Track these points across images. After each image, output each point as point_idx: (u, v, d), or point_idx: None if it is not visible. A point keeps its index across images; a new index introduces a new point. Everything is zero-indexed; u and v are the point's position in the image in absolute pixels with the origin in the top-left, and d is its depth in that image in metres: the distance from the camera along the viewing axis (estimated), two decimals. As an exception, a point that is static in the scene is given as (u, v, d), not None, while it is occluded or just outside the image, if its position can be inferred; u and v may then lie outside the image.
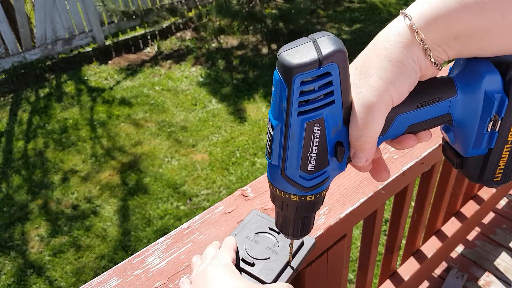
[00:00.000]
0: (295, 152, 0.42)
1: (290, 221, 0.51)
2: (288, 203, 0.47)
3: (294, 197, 0.46)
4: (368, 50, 0.43)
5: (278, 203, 0.49)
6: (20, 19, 4.66)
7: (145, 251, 0.72)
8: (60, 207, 3.07)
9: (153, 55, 5.23)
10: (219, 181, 3.20)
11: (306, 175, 0.43)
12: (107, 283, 0.67)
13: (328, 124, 0.41)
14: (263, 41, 5.30)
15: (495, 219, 2.01)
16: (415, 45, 0.40)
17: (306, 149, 0.42)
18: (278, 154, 0.43)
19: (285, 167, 0.43)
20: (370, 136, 0.42)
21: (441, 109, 0.44)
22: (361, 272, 1.27)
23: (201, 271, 0.57)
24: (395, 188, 0.99)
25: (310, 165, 0.43)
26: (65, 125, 3.95)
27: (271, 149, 0.43)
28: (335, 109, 0.40)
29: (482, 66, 0.42)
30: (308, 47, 0.39)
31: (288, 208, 0.48)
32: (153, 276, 0.68)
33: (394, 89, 0.40)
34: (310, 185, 0.44)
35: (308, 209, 0.48)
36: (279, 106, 0.40)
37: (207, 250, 0.64)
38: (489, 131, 0.43)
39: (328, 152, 0.43)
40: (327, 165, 0.44)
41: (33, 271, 2.62)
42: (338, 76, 0.39)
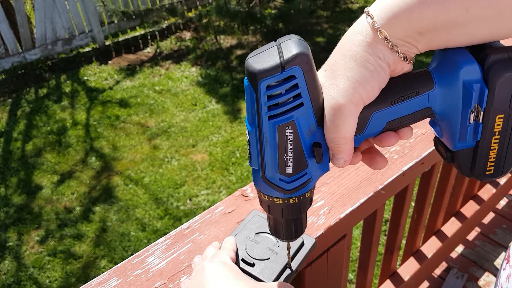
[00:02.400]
0: (271, 156, 0.42)
1: (280, 224, 0.51)
2: (274, 206, 0.47)
3: (277, 200, 0.46)
4: (335, 52, 0.43)
5: (265, 207, 0.49)
6: (20, 19, 4.66)
7: (145, 251, 0.72)
8: (60, 207, 3.07)
9: (153, 55, 5.23)
10: (219, 181, 3.20)
11: (286, 177, 0.44)
12: (107, 283, 0.67)
13: (300, 126, 0.41)
14: (263, 41, 5.30)
15: (495, 219, 2.01)
16: (379, 43, 0.39)
17: (281, 152, 0.42)
18: (257, 159, 0.43)
19: (264, 171, 0.44)
20: (343, 137, 0.41)
21: (420, 103, 0.43)
22: (361, 272, 1.27)
23: (199, 268, 0.57)
24: (395, 188, 0.99)
25: (288, 168, 0.43)
26: (65, 125, 3.95)
27: (250, 154, 0.44)
28: (305, 111, 0.40)
29: (458, 56, 0.40)
30: (272, 52, 0.40)
31: (275, 211, 0.48)
32: (153, 276, 0.68)
33: (363, 89, 0.40)
34: (292, 187, 0.44)
35: (294, 211, 0.48)
36: (251, 111, 0.41)
37: (207, 250, 0.64)
38: (472, 122, 0.42)
39: (305, 154, 0.43)
40: (306, 167, 0.44)
41: (33, 271, 2.62)
42: (303, 78, 0.39)
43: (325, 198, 0.81)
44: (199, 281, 0.54)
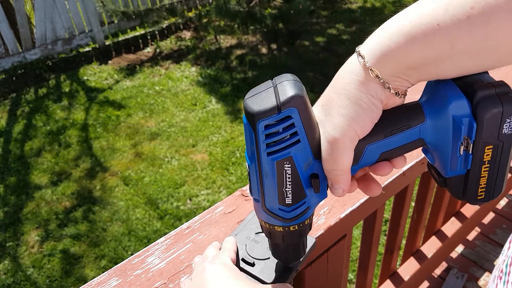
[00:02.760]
0: (271, 188, 0.44)
1: (280, 249, 0.53)
2: (274, 233, 0.50)
3: (278, 228, 0.48)
4: (329, 88, 0.45)
5: (266, 233, 0.51)
6: (20, 19, 4.66)
7: (145, 251, 0.72)
8: (60, 207, 3.07)
9: (153, 55, 5.23)
10: (219, 181, 3.20)
11: (286, 207, 0.46)
12: (107, 283, 0.67)
13: (297, 160, 0.43)
14: (262, 41, 5.30)
15: (495, 219, 2.01)
16: (371, 81, 0.40)
17: (280, 185, 0.44)
18: (257, 190, 0.45)
19: (265, 201, 0.46)
20: (340, 169, 0.43)
21: (412, 135, 0.44)
22: (361, 272, 1.27)
23: (199, 269, 0.57)
24: (395, 188, 0.99)
25: (288, 199, 0.45)
26: (65, 125, 3.95)
27: (251, 185, 0.46)
28: (302, 147, 0.42)
29: (448, 91, 0.42)
30: (269, 94, 0.42)
31: (275, 237, 0.50)
32: (153, 276, 0.68)
33: (357, 125, 0.41)
34: (291, 216, 0.46)
35: (294, 237, 0.50)
36: (250, 147, 0.43)
37: (207, 251, 0.64)
38: (463, 153, 0.43)
39: (303, 185, 0.45)
40: (305, 196, 0.46)
41: (33, 271, 2.62)
42: (299, 118, 0.41)
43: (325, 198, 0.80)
44: (199, 282, 0.54)
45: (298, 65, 4.82)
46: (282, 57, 4.97)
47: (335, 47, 5.17)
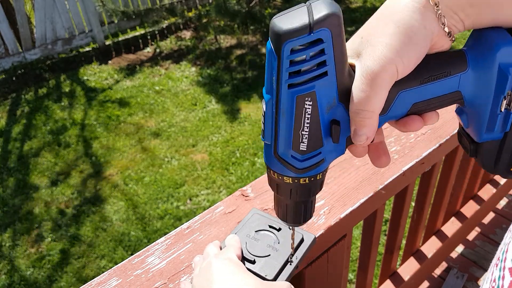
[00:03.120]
0: (286, 130, 0.39)
1: (287, 206, 0.48)
2: (283, 185, 0.45)
3: (287, 179, 0.43)
4: (375, 16, 0.40)
5: (273, 186, 0.46)
6: (20, 19, 4.66)
7: (145, 251, 0.72)
8: (60, 207, 3.07)
9: (153, 55, 5.23)
10: (219, 181, 3.20)
11: (299, 155, 0.41)
12: (107, 283, 0.67)
13: (320, 99, 0.38)
14: (262, 41, 5.30)
15: (495, 219, 2.01)
16: (428, 10, 0.36)
17: (297, 126, 0.39)
18: (271, 132, 0.41)
19: (277, 146, 0.41)
20: (371, 110, 0.38)
21: (450, 85, 0.40)
22: (361, 272, 1.27)
23: (205, 265, 0.56)
24: (395, 188, 0.99)
25: (302, 145, 0.40)
26: (65, 125, 3.95)
27: (264, 126, 0.41)
28: (328, 82, 0.38)
29: (497, 37, 0.37)
30: (301, 12, 0.36)
31: (283, 192, 0.46)
32: (153, 276, 0.68)
33: (400, 60, 0.37)
34: (303, 166, 0.42)
35: (303, 193, 0.45)
36: (270, 78, 0.38)
37: (208, 249, 0.63)
38: (503, 111, 0.39)
39: (322, 131, 0.40)
40: (321, 146, 0.41)
41: (33, 271, 2.62)
42: (331, 43, 0.36)
43: (325, 198, 0.81)
44: (206, 278, 0.53)
45: (298, 65, 4.82)
46: (282, 57, 4.97)
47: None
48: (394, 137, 0.98)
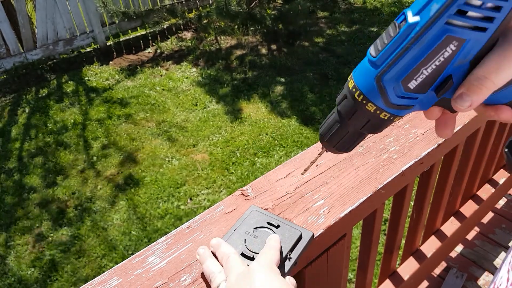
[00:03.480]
0: (410, 60, 0.37)
1: (347, 133, 0.46)
2: (360, 110, 0.42)
3: (371, 106, 0.41)
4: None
5: (346, 108, 0.43)
6: (21, 19, 4.67)
7: (146, 250, 0.72)
8: (61, 206, 3.08)
9: (154, 56, 5.24)
10: (220, 181, 3.21)
11: (401, 90, 0.39)
12: (108, 282, 0.67)
13: (463, 49, 0.36)
14: (262, 42, 5.30)
15: (494, 219, 2.01)
16: None
17: (424, 62, 0.37)
18: (389, 55, 0.38)
19: (387, 71, 0.39)
20: (493, 81, 0.38)
21: None
22: (360, 271, 1.27)
23: (244, 271, 0.55)
24: (394, 188, 1.00)
25: (413, 82, 0.39)
26: (66, 125, 3.96)
27: (385, 46, 0.38)
28: (480, 38, 0.36)
29: None
30: None
31: (358, 117, 0.43)
32: (153, 276, 0.68)
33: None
34: (396, 102, 0.40)
35: (373, 126, 0.44)
36: (430, 3, 0.35)
37: (224, 248, 0.63)
38: None
39: (436, 80, 0.39)
40: (423, 92, 0.39)
41: (34, 270, 2.63)
42: (509, 9, 0.34)
43: (325, 197, 0.81)
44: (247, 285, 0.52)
45: (298, 65, 4.82)
46: (281, 58, 4.98)
47: (334, 48, 5.18)
48: (393, 137, 0.99)
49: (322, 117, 3.91)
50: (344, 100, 0.44)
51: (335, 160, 0.90)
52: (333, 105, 4.07)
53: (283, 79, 4.56)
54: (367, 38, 5.42)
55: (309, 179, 0.86)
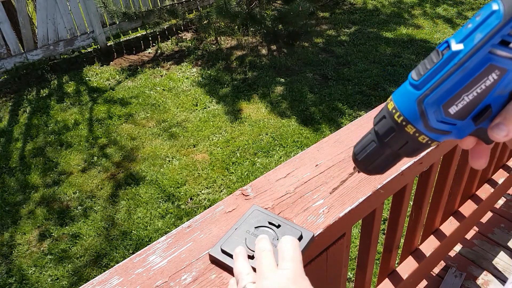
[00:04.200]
0: (453, 86, 0.39)
1: (382, 153, 0.45)
2: (399, 132, 0.43)
3: (411, 128, 0.42)
4: None
5: (385, 129, 0.44)
6: (22, 20, 4.68)
7: (147, 249, 0.73)
8: (62, 206, 3.09)
9: (154, 56, 5.24)
10: (220, 181, 3.22)
11: (442, 115, 0.40)
12: (109, 281, 0.68)
13: (504, 79, 0.38)
14: (262, 42, 5.31)
15: (493, 219, 2.01)
16: None
17: (466, 89, 0.38)
18: (431, 79, 0.39)
19: (429, 95, 0.40)
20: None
21: None
22: (360, 270, 1.28)
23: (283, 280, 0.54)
24: (393, 187, 1.00)
25: (454, 108, 0.40)
26: (67, 126, 3.97)
27: (428, 71, 0.40)
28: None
29: None
30: None
31: (394, 138, 0.43)
32: (154, 275, 0.68)
33: None
34: (435, 126, 0.41)
35: (410, 149, 0.44)
36: (473, 32, 0.37)
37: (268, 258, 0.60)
38: None
39: (476, 108, 0.40)
40: (462, 119, 0.41)
41: (35, 270, 2.63)
42: None
43: (324, 197, 0.82)
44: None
45: (298, 66, 4.83)
46: (281, 58, 4.98)
47: (334, 49, 5.18)
48: (392, 137, 0.99)
49: (322, 117, 3.91)
50: (382, 120, 0.44)
51: (335, 160, 0.91)
52: (333, 104, 4.08)
53: (283, 79, 4.57)
54: (366, 39, 5.42)
55: (308, 179, 0.86)
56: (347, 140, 0.97)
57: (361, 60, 4.89)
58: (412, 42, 5.33)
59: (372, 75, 4.54)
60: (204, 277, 0.67)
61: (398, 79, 4.46)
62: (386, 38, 5.43)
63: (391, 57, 4.94)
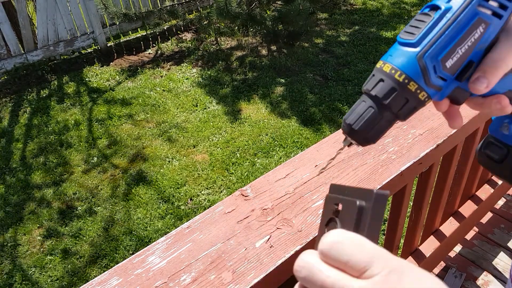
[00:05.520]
0: (449, 40, 0.41)
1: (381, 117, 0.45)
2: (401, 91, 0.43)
3: (413, 85, 0.42)
4: None
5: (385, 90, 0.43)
6: (22, 20, 4.68)
7: (146, 250, 0.73)
8: (62, 206, 3.09)
9: (154, 57, 5.24)
10: (220, 181, 3.22)
11: (440, 69, 0.42)
12: (108, 282, 0.68)
13: (487, 32, 0.42)
14: (262, 43, 5.31)
15: (493, 219, 2.01)
16: None
17: (460, 42, 0.41)
18: (428, 36, 0.42)
19: (427, 50, 0.42)
20: (508, 64, 0.43)
21: None
22: (360, 271, 1.28)
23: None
24: (393, 188, 1.00)
25: (450, 61, 0.42)
26: (67, 126, 3.97)
27: (422, 30, 0.42)
28: (497, 25, 0.42)
29: None
30: None
31: (395, 98, 0.43)
32: (153, 276, 0.69)
33: None
34: (434, 82, 0.42)
35: (409, 107, 0.44)
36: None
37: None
38: None
39: (462, 63, 0.43)
40: (452, 74, 0.43)
41: (35, 270, 2.63)
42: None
43: (324, 197, 0.82)
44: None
45: (298, 66, 4.83)
46: (281, 59, 4.99)
47: (334, 49, 5.18)
48: (392, 137, 0.99)
49: (322, 117, 3.91)
50: (379, 83, 0.44)
51: (334, 161, 0.91)
52: (333, 105, 4.08)
53: (283, 80, 4.57)
54: (366, 39, 5.42)
55: (308, 180, 0.86)
56: (346, 140, 0.97)
57: (361, 60, 4.89)
58: (412, 42, 5.32)
59: (372, 76, 4.54)
60: (204, 278, 0.67)
61: (398, 80, 4.46)
62: (386, 39, 5.43)
63: (391, 58, 4.93)
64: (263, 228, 0.76)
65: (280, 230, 0.75)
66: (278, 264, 0.70)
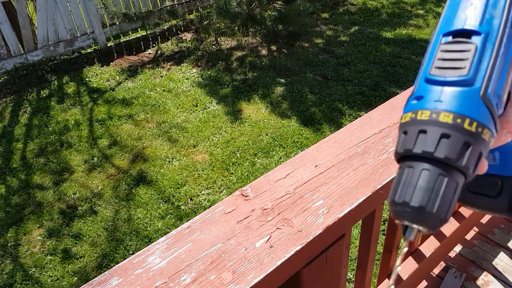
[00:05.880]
0: (502, 70, 0.34)
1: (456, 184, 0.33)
2: (476, 144, 0.33)
3: (487, 133, 0.33)
4: None
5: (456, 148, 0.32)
6: (22, 20, 4.68)
7: (146, 250, 0.73)
8: (62, 207, 3.09)
9: (154, 57, 5.24)
10: (220, 181, 3.22)
11: (501, 104, 0.35)
12: (108, 282, 0.68)
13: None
14: (262, 43, 5.31)
15: (493, 219, 2.01)
16: None
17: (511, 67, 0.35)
18: (483, 71, 0.33)
19: (489, 85, 0.33)
20: None
21: None
22: (360, 271, 1.28)
23: None
24: (393, 188, 1.00)
25: (505, 94, 0.35)
26: (67, 126, 3.97)
27: (472, 61, 0.33)
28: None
29: None
30: None
31: (471, 154, 0.32)
32: (153, 276, 0.69)
33: None
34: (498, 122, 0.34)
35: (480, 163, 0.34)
36: (488, 12, 0.34)
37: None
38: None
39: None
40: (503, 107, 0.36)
41: (35, 270, 2.63)
42: None
43: (324, 198, 0.82)
44: None
45: (298, 66, 4.83)
46: (281, 59, 4.99)
47: (334, 49, 5.18)
48: (392, 137, 0.99)
49: (322, 117, 3.91)
50: (441, 141, 0.32)
51: (334, 161, 0.91)
52: (333, 105, 4.08)
53: (283, 80, 4.57)
54: (367, 39, 5.42)
55: (308, 180, 0.86)
56: (347, 140, 0.97)
57: (361, 60, 4.89)
58: (412, 42, 5.33)
59: (372, 76, 4.54)
60: (204, 278, 0.67)
61: (398, 80, 4.46)
62: (386, 39, 5.43)
63: (391, 58, 4.94)
64: (263, 228, 0.76)
65: (280, 230, 0.75)
66: (278, 264, 0.70)
